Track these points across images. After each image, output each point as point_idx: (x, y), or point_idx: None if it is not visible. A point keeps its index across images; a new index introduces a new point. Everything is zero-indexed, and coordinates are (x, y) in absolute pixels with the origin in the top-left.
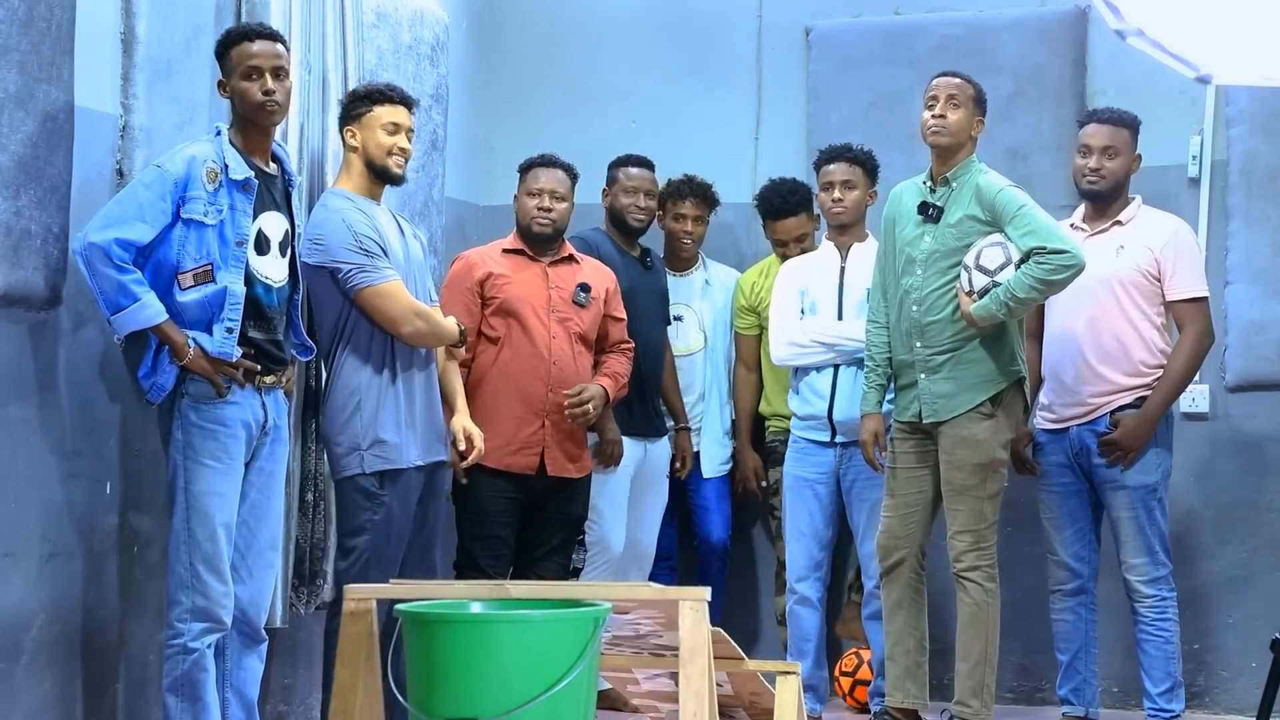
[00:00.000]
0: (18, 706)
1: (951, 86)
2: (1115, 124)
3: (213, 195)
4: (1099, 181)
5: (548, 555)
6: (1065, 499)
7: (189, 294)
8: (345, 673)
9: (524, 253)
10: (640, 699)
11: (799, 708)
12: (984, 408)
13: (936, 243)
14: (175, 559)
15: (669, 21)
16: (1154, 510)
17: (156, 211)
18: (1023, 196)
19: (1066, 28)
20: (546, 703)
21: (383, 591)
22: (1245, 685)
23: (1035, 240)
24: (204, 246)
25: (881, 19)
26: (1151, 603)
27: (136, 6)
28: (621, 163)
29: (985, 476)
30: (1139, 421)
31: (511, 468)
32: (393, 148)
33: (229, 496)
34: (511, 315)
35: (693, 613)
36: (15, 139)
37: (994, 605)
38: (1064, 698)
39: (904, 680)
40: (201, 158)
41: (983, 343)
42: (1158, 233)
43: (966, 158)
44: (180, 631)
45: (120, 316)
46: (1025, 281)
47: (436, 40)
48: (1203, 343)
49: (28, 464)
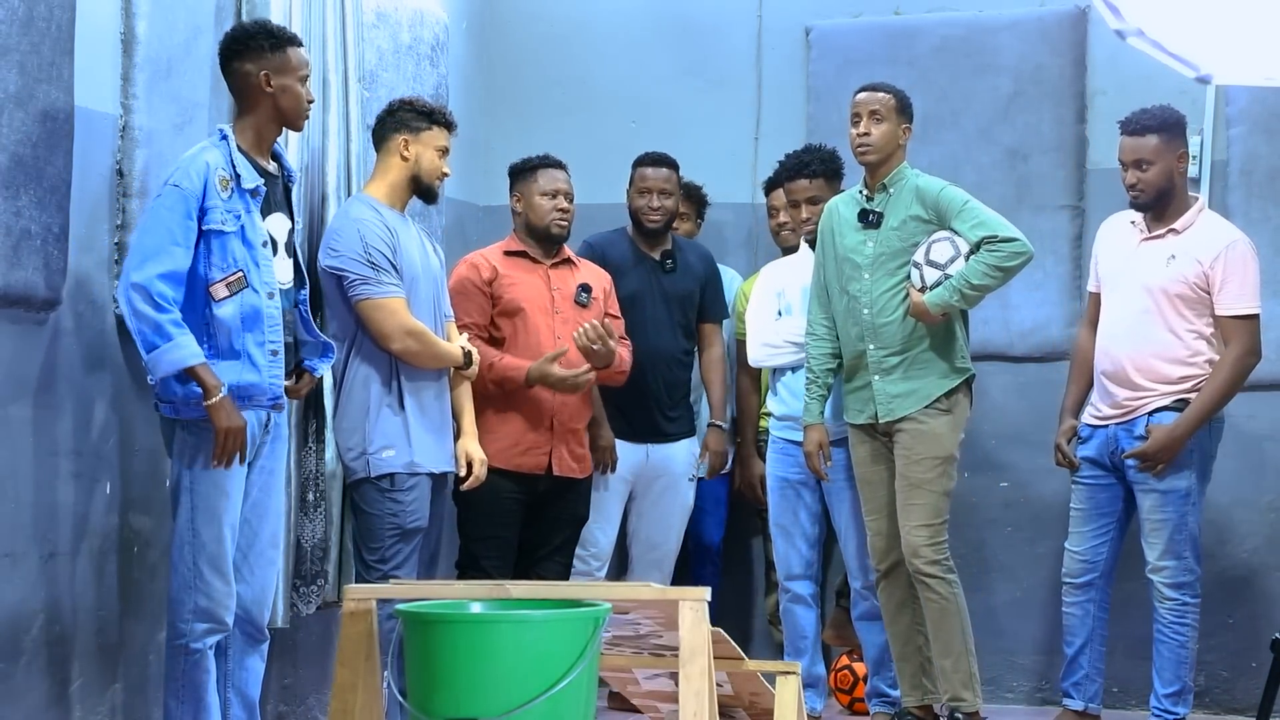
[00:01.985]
0: (18, 706)
1: (873, 102)
2: (1140, 134)
3: (227, 202)
4: (1140, 195)
5: (550, 555)
6: (1095, 493)
7: (225, 305)
8: (345, 673)
9: (525, 255)
10: (640, 699)
11: (799, 707)
12: (940, 403)
13: (880, 246)
14: (179, 559)
15: (668, 22)
16: (1186, 514)
17: (186, 232)
18: (964, 193)
19: (1066, 28)
20: (546, 703)
21: (383, 591)
22: (1245, 685)
23: (985, 230)
24: (229, 254)
25: (881, 19)
26: (1173, 605)
27: (136, 6)
28: (639, 162)
29: (942, 471)
30: (1169, 434)
31: (521, 468)
32: (440, 171)
33: (234, 497)
34: (517, 316)
35: (693, 613)
36: (15, 139)
37: (959, 594)
38: (1065, 690)
39: (919, 678)
40: (213, 165)
41: (933, 343)
42: (1211, 245)
43: (899, 164)
44: (183, 631)
45: (155, 356)
46: (979, 269)
47: (436, 40)
48: (1246, 361)
49: (28, 464)
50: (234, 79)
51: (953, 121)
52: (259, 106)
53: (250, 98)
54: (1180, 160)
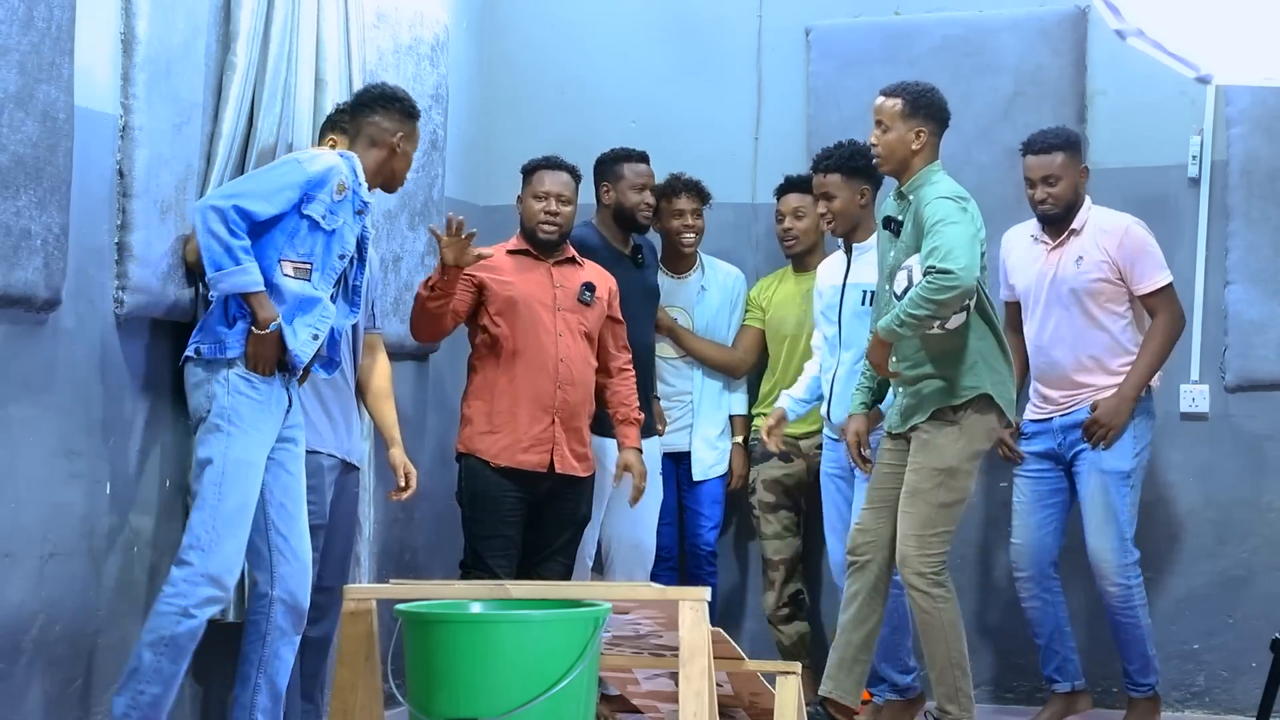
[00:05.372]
0: (18, 706)
1: (878, 110)
2: (1047, 151)
3: (336, 204)
4: (1051, 209)
5: (552, 555)
6: (1037, 485)
7: (290, 281)
8: (345, 673)
9: (529, 253)
10: (640, 699)
11: (799, 708)
12: (948, 416)
13: (899, 256)
14: (197, 520)
15: (669, 22)
16: (1125, 496)
17: (281, 198)
18: (947, 210)
19: (1066, 28)
20: (546, 703)
21: (383, 592)
22: (1245, 685)
23: (932, 259)
24: (311, 246)
25: (881, 19)
26: (1119, 592)
27: (136, 6)
28: (625, 157)
29: (940, 483)
30: (1117, 400)
31: (523, 465)
32: None
33: (259, 469)
34: (519, 314)
35: (693, 613)
36: (15, 139)
37: (945, 609)
38: (1049, 676)
39: (837, 670)
40: (338, 169)
41: (942, 359)
42: (1110, 237)
43: (922, 167)
44: (183, 593)
45: (220, 275)
46: (915, 299)
47: (436, 40)
48: (1175, 326)
49: (28, 464)
50: (368, 127)
51: (953, 121)
52: (377, 158)
53: (374, 148)
54: (1082, 175)
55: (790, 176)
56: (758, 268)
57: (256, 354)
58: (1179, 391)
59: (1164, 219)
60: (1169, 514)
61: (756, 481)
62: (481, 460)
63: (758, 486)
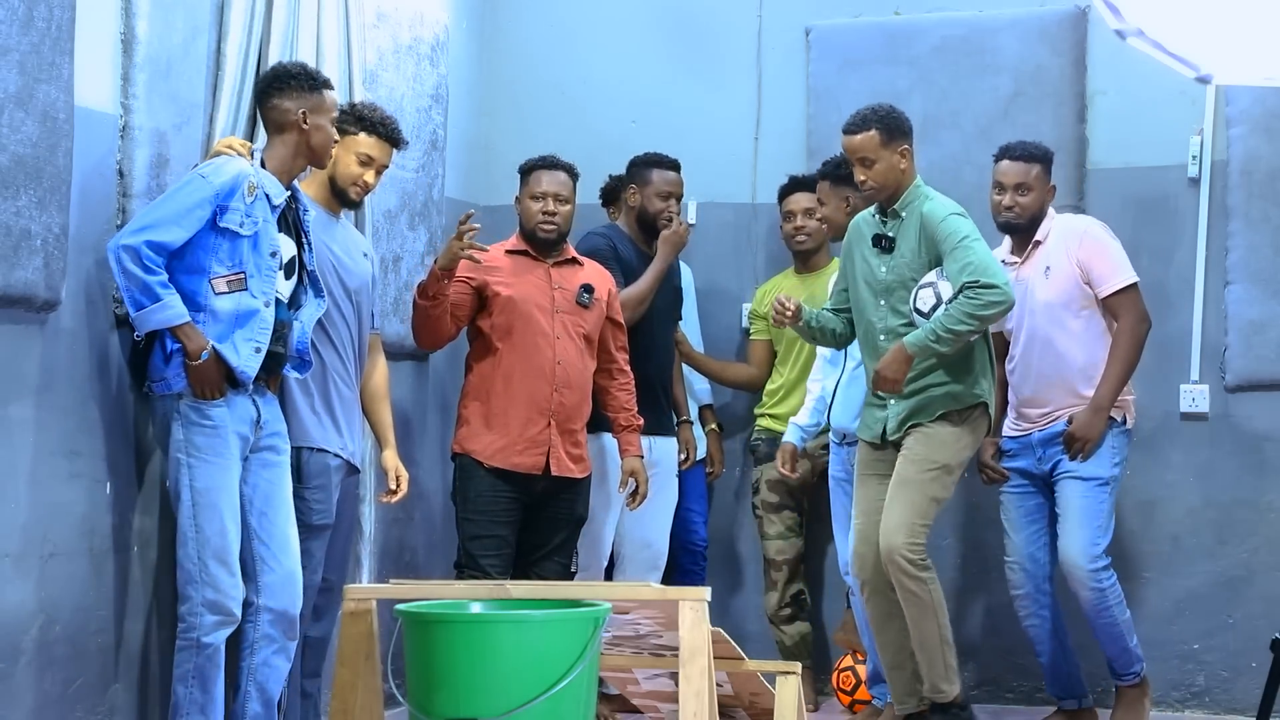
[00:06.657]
0: (18, 706)
1: (859, 150)
2: (1027, 160)
3: (248, 207)
4: (1017, 217)
5: (548, 555)
6: (1024, 500)
7: (223, 299)
8: (345, 672)
9: (527, 253)
10: (640, 699)
11: (799, 708)
12: (950, 417)
13: (893, 274)
14: (184, 555)
15: (669, 22)
16: (1102, 502)
17: (193, 218)
18: (965, 226)
19: (1066, 28)
20: (546, 703)
21: (383, 592)
22: (1245, 685)
23: (969, 275)
24: (237, 255)
25: (881, 19)
26: (1093, 597)
27: (136, 6)
28: (656, 163)
29: (935, 476)
30: (1090, 412)
31: (518, 467)
32: (359, 178)
33: (232, 491)
34: (516, 315)
35: (693, 613)
36: (15, 139)
37: (934, 588)
38: (1057, 695)
39: (914, 684)
40: (244, 172)
41: (947, 370)
42: (1072, 241)
43: (909, 187)
44: (193, 625)
45: (142, 315)
46: (955, 314)
47: (436, 40)
48: (1140, 329)
49: (28, 464)
50: (271, 113)
51: (953, 121)
52: (291, 141)
53: (284, 132)
54: (1049, 193)
55: (795, 176)
56: (758, 268)
57: (199, 382)
58: (1179, 391)
59: (1164, 219)
60: (1169, 514)
61: (760, 482)
62: (475, 460)
63: (761, 487)
